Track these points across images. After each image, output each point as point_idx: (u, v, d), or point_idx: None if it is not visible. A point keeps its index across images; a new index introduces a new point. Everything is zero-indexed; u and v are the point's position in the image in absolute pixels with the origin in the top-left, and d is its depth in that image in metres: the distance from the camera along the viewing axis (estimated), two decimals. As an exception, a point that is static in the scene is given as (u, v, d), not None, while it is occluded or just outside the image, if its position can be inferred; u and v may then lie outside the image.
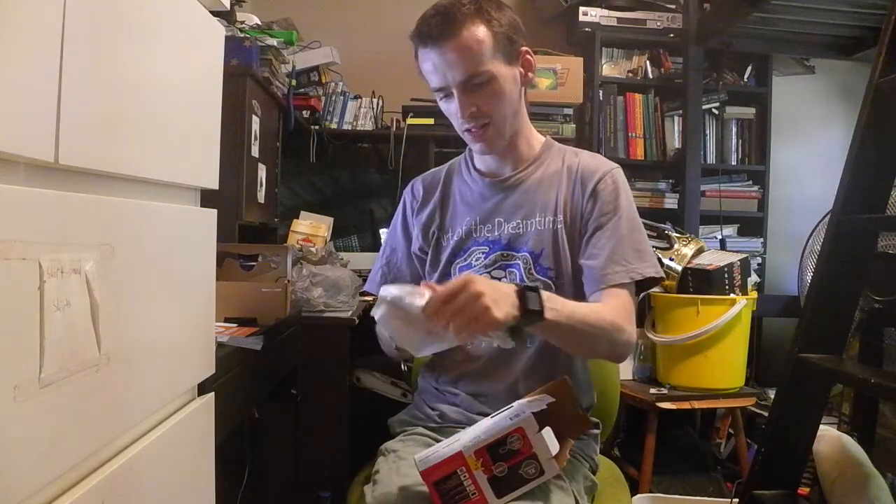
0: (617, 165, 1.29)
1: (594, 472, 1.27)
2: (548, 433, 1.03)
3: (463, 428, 1.13)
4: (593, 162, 1.29)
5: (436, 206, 1.35)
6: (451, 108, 1.21)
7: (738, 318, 2.31)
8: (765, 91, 3.06)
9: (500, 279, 1.25)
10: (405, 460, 1.14)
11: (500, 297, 0.96)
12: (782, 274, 3.10)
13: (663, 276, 1.25)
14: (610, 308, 1.16)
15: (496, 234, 1.28)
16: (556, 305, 1.04)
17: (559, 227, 1.25)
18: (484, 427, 1.05)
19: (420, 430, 1.29)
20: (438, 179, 1.38)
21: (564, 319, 1.05)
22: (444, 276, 1.30)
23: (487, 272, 1.26)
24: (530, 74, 1.25)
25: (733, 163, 3.10)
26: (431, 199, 1.36)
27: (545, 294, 1.03)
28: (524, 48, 1.23)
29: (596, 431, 1.32)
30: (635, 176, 3.01)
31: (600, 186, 1.24)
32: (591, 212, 1.23)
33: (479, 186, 1.32)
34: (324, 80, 2.74)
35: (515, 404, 1.08)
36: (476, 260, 1.28)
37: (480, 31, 1.15)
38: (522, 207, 1.27)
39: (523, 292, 1.00)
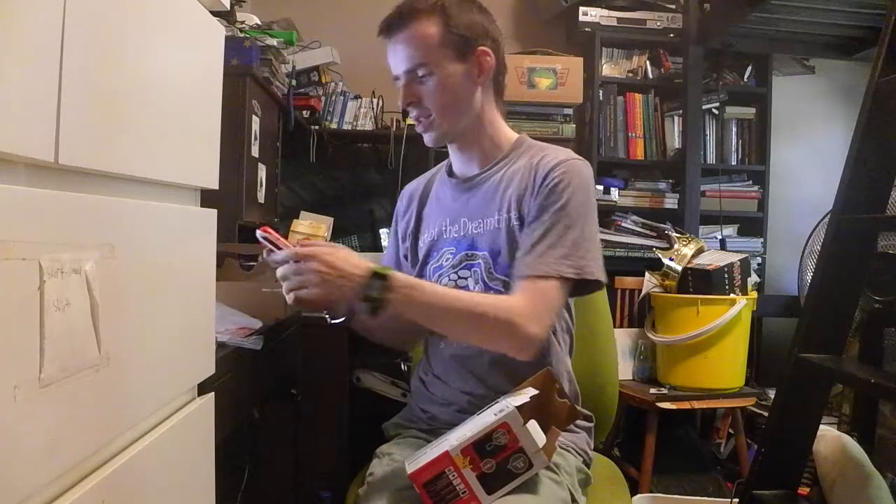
0: (583, 160, 1.23)
1: (588, 466, 1.27)
2: (533, 426, 1.02)
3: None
4: (554, 155, 1.23)
5: (414, 210, 1.38)
6: None
7: (738, 318, 2.31)
8: (765, 91, 3.05)
9: (466, 279, 1.25)
10: (399, 463, 1.14)
11: (342, 283, 1.02)
12: (782, 274, 3.10)
13: (601, 279, 1.16)
14: (512, 300, 1.12)
15: (461, 234, 1.28)
16: (411, 292, 1.06)
17: (514, 224, 1.21)
18: (469, 425, 1.05)
19: (414, 432, 1.29)
20: (422, 184, 1.41)
21: (417, 306, 1.07)
22: (421, 276, 1.31)
23: (455, 272, 1.26)
24: (481, 76, 1.23)
25: (733, 163, 3.09)
26: (413, 203, 1.39)
27: (403, 279, 1.07)
28: (482, 48, 1.22)
29: (588, 424, 1.31)
30: (635, 176, 3.01)
31: (550, 175, 1.18)
32: (536, 202, 1.18)
33: (449, 187, 1.34)
34: (324, 80, 2.74)
35: (500, 400, 1.08)
36: (446, 260, 1.28)
37: (430, 27, 1.19)
38: (483, 207, 1.26)
39: (369, 278, 1.04)
